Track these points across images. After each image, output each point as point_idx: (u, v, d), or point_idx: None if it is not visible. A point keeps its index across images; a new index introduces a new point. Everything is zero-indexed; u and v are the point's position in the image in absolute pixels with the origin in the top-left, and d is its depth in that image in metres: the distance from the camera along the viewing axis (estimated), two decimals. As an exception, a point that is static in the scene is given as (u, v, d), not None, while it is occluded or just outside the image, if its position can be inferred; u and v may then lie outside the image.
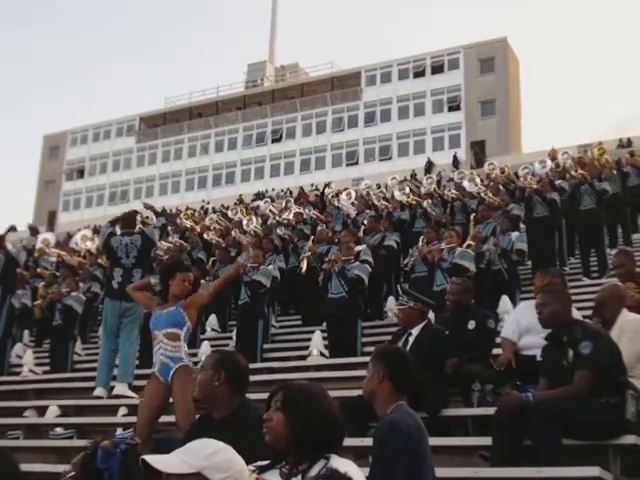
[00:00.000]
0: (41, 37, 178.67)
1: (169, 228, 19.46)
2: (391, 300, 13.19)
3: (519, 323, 7.42)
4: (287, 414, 3.36)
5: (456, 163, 51.63)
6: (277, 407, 3.41)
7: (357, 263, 11.63)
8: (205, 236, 18.07)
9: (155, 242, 10.68)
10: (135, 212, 11.23)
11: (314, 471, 3.18)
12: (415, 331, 7.35)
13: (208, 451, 2.68)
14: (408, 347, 7.07)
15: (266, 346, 12.35)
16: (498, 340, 8.07)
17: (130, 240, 10.32)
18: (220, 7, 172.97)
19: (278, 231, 16.98)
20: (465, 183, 17.95)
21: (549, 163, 18.77)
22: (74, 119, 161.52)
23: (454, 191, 18.23)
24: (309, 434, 3.31)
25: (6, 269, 11.81)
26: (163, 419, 7.31)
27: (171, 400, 7.04)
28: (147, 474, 2.65)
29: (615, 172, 17.25)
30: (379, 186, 23.06)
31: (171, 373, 6.91)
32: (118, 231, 10.65)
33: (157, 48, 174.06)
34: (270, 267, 12.82)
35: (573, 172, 16.78)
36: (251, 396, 4.97)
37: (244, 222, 19.12)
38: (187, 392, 6.82)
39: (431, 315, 8.99)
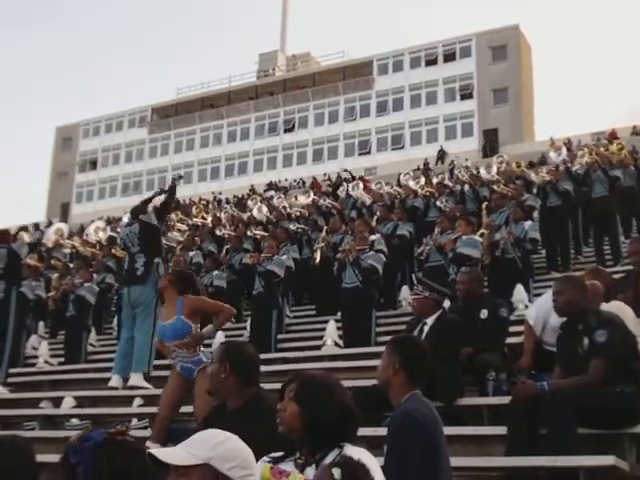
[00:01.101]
0: (55, 27, 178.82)
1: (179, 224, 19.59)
2: (405, 289, 13.20)
3: (551, 318, 7.06)
4: (301, 405, 3.37)
5: (485, 151, 51.23)
6: (291, 397, 3.41)
7: (371, 253, 11.60)
8: (217, 232, 18.09)
9: (153, 225, 10.65)
10: (144, 202, 11.24)
11: (328, 460, 3.19)
12: (430, 321, 7.33)
13: (214, 441, 2.69)
14: (423, 336, 7.05)
15: (280, 336, 12.36)
16: (511, 329, 8.06)
17: (130, 229, 10.61)
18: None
19: (291, 226, 17.00)
20: (482, 171, 17.96)
21: (564, 151, 18.69)
22: (86, 111, 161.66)
23: (466, 177, 18.25)
24: (323, 424, 3.32)
25: (9, 263, 11.87)
26: (183, 409, 7.32)
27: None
28: (155, 468, 2.65)
29: (633, 168, 17.09)
30: (397, 184, 23.09)
31: (195, 374, 6.91)
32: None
33: (169, 39, 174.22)
34: (284, 257, 12.82)
35: (586, 159, 16.69)
36: (266, 386, 4.97)
37: (255, 212, 19.19)
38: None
39: (447, 304, 8.99)
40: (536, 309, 7.44)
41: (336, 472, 2.69)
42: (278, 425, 3.41)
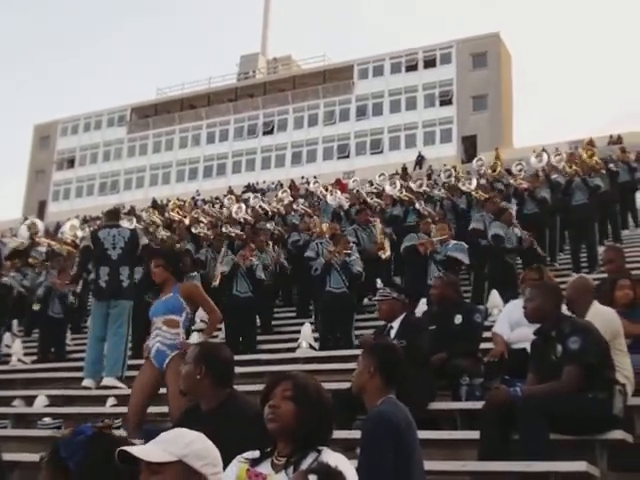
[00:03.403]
0: (34, 24, 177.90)
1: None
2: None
3: (510, 318, 7.47)
4: (298, 404, 3.37)
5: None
6: (286, 397, 3.40)
7: (355, 257, 11.59)
8: (193, 230, 17.99)
9: (140, 242, 10.33)
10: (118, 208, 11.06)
11: (306, 463, 3.19)
12: (395, 324, 7.37)
13: (186, 440, 2.72)
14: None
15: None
16: (485, 334, 8.10)
17: (118, 232, 10.17)
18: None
19: (268, 225, 16.95)
20: (461, 186, 18.00)
21: (545, 157, 18.73)
22: (65, 109, 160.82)
23: (443, 191, 18.31)
24: (315, 425, 3.34)
25: None
26: (154, 410, 7.29)
27: (162, 390, 7.01)
28: (123, 465, 2.66)
29: (604, 171, 17.21)
30: (371, 183, 23.11)
31: (167, 360, 6.87)
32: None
33: (150, 39, 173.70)
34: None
35: (567, 168, 16.76)
36: (240, 387, 4.97)
37: (233, 210, 19.11)
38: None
39: (424, 308, 9.06)
40: (498, 321, 7.83)
41: (312, 478, 2.69)
42: (269, 422, 3.38)
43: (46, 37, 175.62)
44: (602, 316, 6.15)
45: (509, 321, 7.45)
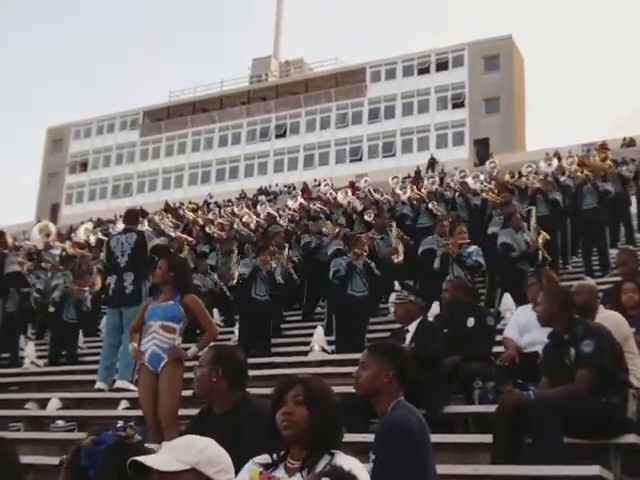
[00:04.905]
0: (48, 29, 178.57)
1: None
2: (393, 296, 13.15)
3: (518, 322, 7.50)
4: (311, 409, 3.34)
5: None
6: (299, 401, 3.36)
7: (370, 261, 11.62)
8: (207, 230, 18.04)
9: (148, 244, 10.20)
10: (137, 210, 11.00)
11: (319, 466, 3.18)
12: (412, 327, 7.35)
13: (198, 446, 2.70)
14: (406, 343, 7.07)
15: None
16: (498, 337, 8.08)
17: (126, 238, 10.16)
18: (225, 1, 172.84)
19: (281, 221, 16.99)
20: (469, 180, 17.93)
21: (555, 162, 18.73)
22: (78, 113, 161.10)
23: (457, 186, 18.28)
24: (328, 429, 3.33)
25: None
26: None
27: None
28: (134, 474, 2.65)
29: (616, 171, 17.13)
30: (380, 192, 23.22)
31: (162, 364, 6.80)
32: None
33: (162, 42, 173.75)
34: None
35: (578, 173, 16.75)
36: (253, 390, 4.97)
37: (245, 219, 19.20)
38: (174, 386, 6.78)
39: (437, 310, 9.06)
40: (508, 326, 7.89)
41: None
42: (284, 429, 3.34)
43: (57, 42, 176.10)
44: (610, 320, 6.13)
45: (518, 325, 7.48)
